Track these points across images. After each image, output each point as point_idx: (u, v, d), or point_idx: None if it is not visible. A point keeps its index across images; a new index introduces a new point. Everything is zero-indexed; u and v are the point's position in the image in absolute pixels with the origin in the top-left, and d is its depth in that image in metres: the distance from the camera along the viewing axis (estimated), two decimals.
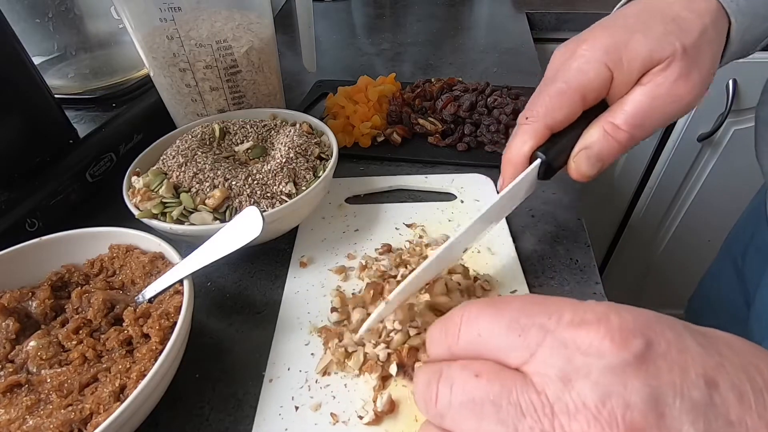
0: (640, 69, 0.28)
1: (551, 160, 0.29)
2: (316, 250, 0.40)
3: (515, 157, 0.30)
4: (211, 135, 0.41)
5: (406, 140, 0.52)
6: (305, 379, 0.30)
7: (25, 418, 0.24)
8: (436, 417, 0.18)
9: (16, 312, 0.29)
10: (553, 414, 0.16)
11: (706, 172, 0.98)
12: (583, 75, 0.28)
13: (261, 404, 0.29)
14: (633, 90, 0.29)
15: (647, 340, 0.16)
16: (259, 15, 0.46)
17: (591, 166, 0.29)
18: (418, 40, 0.83)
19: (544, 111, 0.29)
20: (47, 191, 0.40)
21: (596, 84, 0.28)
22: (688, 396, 0.15)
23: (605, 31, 0.29)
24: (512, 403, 0.16)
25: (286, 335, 0.33)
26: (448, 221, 0.41)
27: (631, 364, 0.15)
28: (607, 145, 0.29)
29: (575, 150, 0.30)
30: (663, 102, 0.28)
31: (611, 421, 0.15)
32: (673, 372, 0.15)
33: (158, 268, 0.32)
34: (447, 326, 0.20)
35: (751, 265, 0.53)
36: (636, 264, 1.21)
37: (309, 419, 0.28)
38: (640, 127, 0.28)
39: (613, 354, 0.16)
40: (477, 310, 0.19)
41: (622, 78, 0.28)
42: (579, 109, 0.29)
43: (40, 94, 0.41)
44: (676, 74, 0.28)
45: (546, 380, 0.16)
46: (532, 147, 0.29)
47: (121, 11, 0.42)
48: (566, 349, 0.16)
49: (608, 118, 0.29)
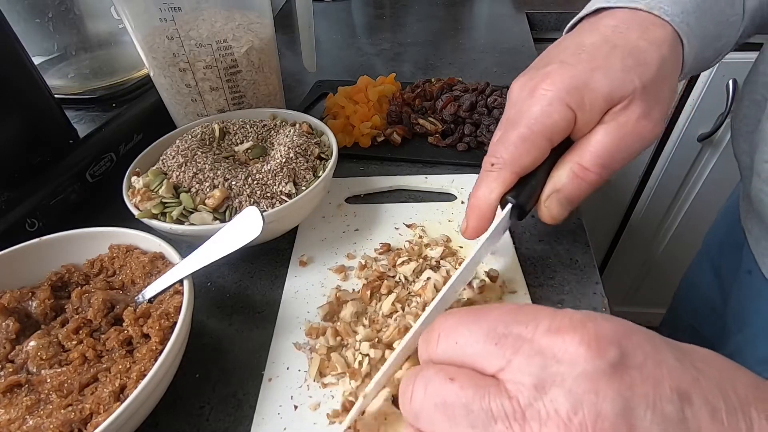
0: (602, 108, 0.28)
1: (523, 204, 0.29)
2: (316, 249, 0.40)
3: (483, 206, 0.29)
4: (210, 135, 0.41)
5: (406, 140, 0.52)
6: (304, 378, 0.30)
7: (25, 418, 0.24)
8: (411, 416, 0.19)
9: (16, 312, 0.29)
10: (524, 420, 0.16)
11: (706, 172, 0.98)
12: (547, 118, 0.27)
13: (260, 403, 0.29)
14: (597, 129, 0.28)
15: (623, 349, 0.16)
16: (259, 15, 0.46)
17: (562, 208, 0.29)
18: (418, 40, 0.83)
19: (510, 157, 0.28)
20: (47, 191, 0.40)
21: (561, 126, 0.28)
22: (660, 409, 0.15)
23: (564, 68, 0.28)
24: (483, 408, 0.16)
25: (285, 334, 0.33)
26: (448, 221, 0.41)
27: (606, 372, 0.15)
28: (576, 187, 0.28)
29: (545, 193, 0.29)
30: (628, 141, 0.28)
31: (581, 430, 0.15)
32: (646, 384, 0.15)
33: (158, 268, 0.32)
34: (428, 336, 0.20)
35: (727, 261, 0.54)
36: (636, 264, 1.21)
37: (308, 418, 0.28)
38: (607, 167, 0.28)
39: (587, 361, 0.16)
40: (456, 319, 0.19)
41: (585, 117, 0.28)
42: (546, 152, 0.28)
43: (40, 94, 0.41)
44: (638, 113, 0.27)
45: (520, 387, 0.16)
46: (500, 194, 0.29)
47: (121, 11, 0.42)
48: (542, 356, 0.16)
49: (575, 160, 0.28)
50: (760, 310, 0.45)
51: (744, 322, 0.48)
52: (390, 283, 0.35)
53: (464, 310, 0.20)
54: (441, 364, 0.19)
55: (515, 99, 0.30)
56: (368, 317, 0.33)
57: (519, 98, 0.29)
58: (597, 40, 0.29)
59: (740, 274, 0.50)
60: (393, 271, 0.36)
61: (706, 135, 0.91)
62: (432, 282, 0.34)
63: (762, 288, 0.45)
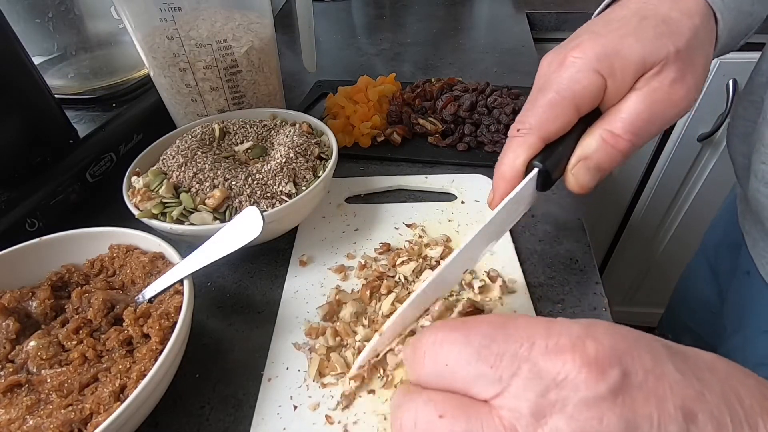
0: (633, 75, 0.27)
1: (550, 169, 0.28)
2: (316, 249, 0.40)
3: (508, 171, 0.28)
4: (211, 135, 0.41)
5: (406, 140, 0.52)
6: (303, 378, 0.30)
7: (25, 418, 0.24)
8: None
9: (16, 312, 0.29)
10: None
11: (706, 172, 0.98)
12: (576, 84, 0.27)
13: (259, 403, 0.29)
14: (628, 96, 0.28)
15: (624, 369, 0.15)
16: (259, 15, 0.46)
17: (591, 177, 0.28)
18: (418, 40, 0.83)
19: (537, 122, 0.27)
20: (47, 191, 0.40)
21: (590, 93, 0.27)
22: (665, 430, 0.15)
23: (595, 38, 0.28)
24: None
25: (285, 334, 0.33)
26: (448, 221, 0.41)
27: (607, 398, 0.15)
28: (606, 154, 0.27)
29: (572, 161, 0.28)
30: (661, 107, 0.27)
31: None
32: (649, 403, 0.15)
33: (158, 268, 0.32)
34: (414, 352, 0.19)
35: (725, 262, 0.54)
36: (636, 264, 1.21)
37: (307, 419, 0.28)
38: (639, 134, 0.27)
39: (589, 387, 0.15)
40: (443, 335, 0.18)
41: (616, 85, 0.27)
42: (574, 119, 0.28)
43: (40, 94, 0.41)
44: (671, 78, 0.27)
45: (517, 416, 0.15)
46: (526, 159, 0.28)
47: (121, 11, 0.42)
48: (540, 380, 0.16)
49: (606, 126, 0.27)
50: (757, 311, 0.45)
51: (741, 322, 0.48)
52: (390, 283, 0.35)
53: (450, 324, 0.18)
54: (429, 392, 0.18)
55: (544, 71, 0.29)
56: (368, 317, 0.33)
57: (548, 69, 0.29)
58: (627, 13, 0.29)
59: (738, 274, 0.50)
60: (393, 271, 0.36)
61: (706, 135, 0.91)
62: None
63: (760, 289, 0.45)
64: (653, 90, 0.27)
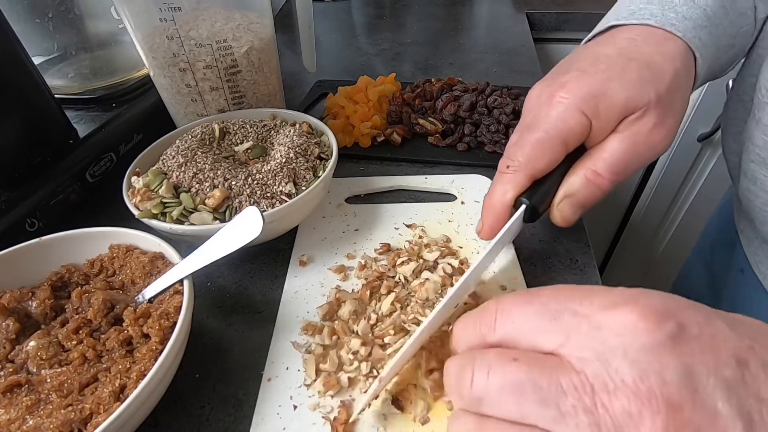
0: (617, 118, 0.28)
1: (536, 206, 0.30)
2: (316, 249, 0.40)
3: (498, 206, 0.30)
4: (210, 135, 0.41)
5: (406, 140, 0.52)
6: (304, 378, 0.30)
7: (25, 418, 0.24)
8: (473, 402, 0.19)
9: (16, 312, 0.29)
10: (593, 392, 0.16)
11: (706, 172, 0.98)
12: (563, 123, 0.28)
13: (259, 403, 0.29)
14: (611, 137, 0.29)
15: (679, 322, 0.17)
16: (259, 15, 0.46)
17: (574, 212, 0.30)
18: (418, 40, 0.83)
19: (526, 160, 0.29)
20: (47, 191, 0.40)
21: (577, 132, 0.28)
22: (721, 374, 0.16)
23: (582, 77, 0.29)
24: (552, 383, 0.17)
25: (284, 334, 0.33)
26: (448, 222, 0.41)
27: (665, 344, 0.16)
28: (589, 192, 0.29)
29: (558, 198, 0.30)
30: (641, 149, 0.29)
31: (650, 397, 0.15)
32: (705, 352, 0.16)
33: (158, 268, 0.32)
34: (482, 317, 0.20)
35: (720, 260, 0.54)
36: (636, 264, 1.21)
37: (307, 419, 0.28)
38: (620, 174, 0.29)
39: (648, 334, 0.16)
40: (510, 301, 0.20)
41: (600, 126, 0.29)
42: (561, 156, 0.29)
43: (40, 94, 0.41)
44: (652, 123, 0.28)
45: (584, 361, 0.17)
46: (515, 195, 0.30)
47: (121, 11, 0.42)
48: (600, 331, 0.17)
49: (589, 166, 0.29)
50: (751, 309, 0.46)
51: None
52: (390, 284, 0.35)
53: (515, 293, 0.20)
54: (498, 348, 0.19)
55: (533, 105, 0.31)
56: (367, 317, 0.33)
57: (536, 104, 0.30)
58: (613, 51, 0.30)
59: (732, 272, 0.50)
60: (393, 271, 0.36)
61: (706, 135, 0.91)
62: (431, 282, 0.34)
63: (754, 287, 0.45)
64: (634, 134, 0.29)
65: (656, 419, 0.15)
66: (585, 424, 0.16)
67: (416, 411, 0.27)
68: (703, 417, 0.15)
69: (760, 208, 0.38)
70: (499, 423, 0.18)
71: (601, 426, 0.16)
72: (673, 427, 0.15)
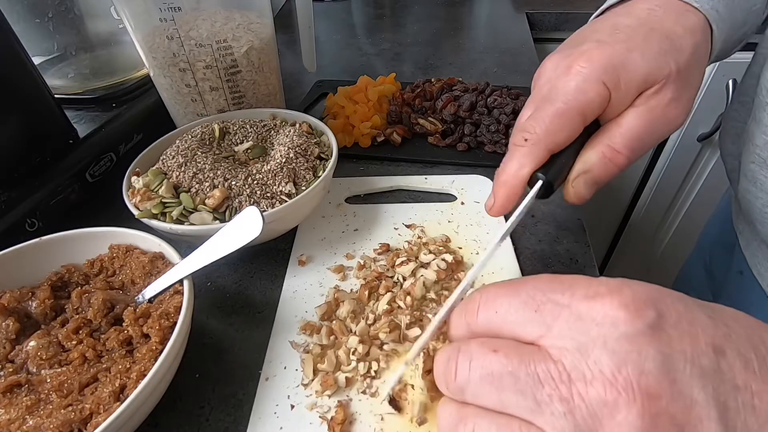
0: (636, 90, 0.28)
1: (552, 181, 0.28)
2: (315, 248, 0.40)
3: (512, 180, 0.28)
4: (210, 135, 0.41)
5: (406, 140, 0.52)
6: (301, 377, 0.30)
7: (25, 418, 0.24)
8: (456, 391, 0.19)
9: (16, 312, 0.29)
10: (570, 381, 0.16)
11: (706, 172, 0.98)
12: (583, 95, 0.27)
13: (257, 402, 0.29)
14: (628, 112, 0.28)
15: (659, 311, 0.17)
16: (259, 15, 0.46)
17: (589, 189, 0.29)
18: (418, 40, 0.83)
19: (545, 132, 0.27)
20: (47, 191, 0.40)
21: (596, 104, 0.27)
22: (698, 363, 0.16)
23: (602, 47, 0.28)
24: (530, 373, 0.17)
25: (283, 334, 0.33)
26: (448, 222, 0.41)
27: (645, 333, 0.16)
28: (605, 168, 0.28)
29: (573, 174, 0.29)
30: (657, 124, 0.28)
31: (627, 387, 0.15)
32: (683, 341, 0.16)
33: (158, 268, 0.32)
34: (467, 307, 0.21)
35: (719, 261, 0.54)
36: (636, 264, 1.21)
37: (305, 418, 0.28)
38: (636, 150, 0.28)
39: (627, 324, 0.16)
40: (495, 290, 0.20)
41: (619, 98, 0.28)
42: (580, 129, 0.28)
43: (40, 94, 0.41)
44: (669, 97, 0.27)
45: (563, 351, 0.17)
46: (532, 170, 0.28)
47: (121, 11, 0.42)
48: (581, 321, 0.17)
49: (606, 142, 0.28)
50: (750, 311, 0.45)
51: None
52: (388, 284, 0.35)
53: (500, 283, 0.20)
54: (481, 338, 0.19)
55: (549, 76, 0.29)
56: (365, 317, 0.33)
57: (553, 75, 0.29)
58: (633, 22, 0.29)
59: (731, 274, 0.50)
60: (391, 271, 0.36)
61: (706, 135, 0.91)
62: (422, 280, 0.34)
63: (753, 289, 0.45)
64: (651, 108, 0.28)
65: (632, 408, 0.15)
66: (560, 413, 0.16)
67: (413, 411, 0.27)
68: (680, 405, 0.15)
69: (760, 210, 0.38)
70: (479, 411, 0.18)
71: (575, 414, 0.16)
72: (648, 416, 0.15)
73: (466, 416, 0.19)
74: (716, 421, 0.15)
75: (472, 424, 0.18)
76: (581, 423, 0.16)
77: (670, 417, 0.15)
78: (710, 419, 0.15)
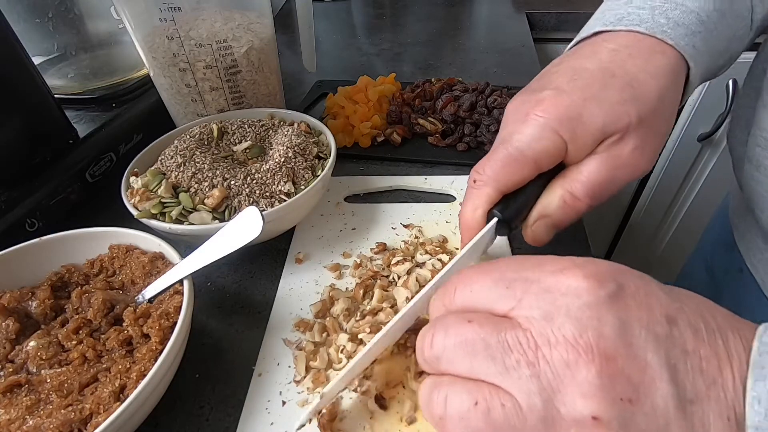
0: (594, 141, 0.27)
1: (508, 220, 0.28)
2: (312, 246, 0.40)
3: (470, 222, 0.29)
4: (209, 135, 0.41)
5: (406, 140, 0.52)
6: (294, 374, 0.30)
7: (25, 418, 0.25)
8: (432, 360, 0.20)
9: (16, 312, 0.29)
10: (537, 347, 0.18)
11: (706, 172, 0.98)
12: (537, 143, 0.27)
13: (249, 398, 0.29)
14: (589, 159, 0.28)
15: (619, 283, 0.19)
16: (259, 15, 0.47)
17: (547, 233, 0.29)
18: (418, 40, 0.83)
19: (494, 175, 0.28)
20: (47, 191, 0.40)
21: (551, 153, 0.27)
22: (653, 329, 0.17)
23: (559, 97, 0.27)
24: (500, 341, 0.18)
25: (277, 330, 0.33)
26: (446, 223, 0.41)
27: (605, 301, 0.18)
28: (565, 214, 0.28)
29: (533, 217, 0.29)
30: (620, 172, 0.28)
31: (587, 349, 0.17)
32: (641, 309, 0.18)
33: (158, 268, 0.32)
34: (445, 290, 0.22)
35: (720, 260, 0.54)
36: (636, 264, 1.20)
37: (295, 414, 0.28)
38: (598, 197, 0.28)
39: (589, 293, 0.18)
40: (470, 272, 0.21)
41: (577, 147, 0.27)
42: (532, 174, 0.28)
43: (40, 94, 0.41)
44: (632, 146, 0.27)
45: (531, 320, 0.18)
46: (485, 210, 0.28)
47: (121, 11, 0.42)
48: (549, 293, 0.19)
49: (567, 188, 0.28)
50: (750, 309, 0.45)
51: None
52: (383, 283, 0.35)
53: (475, 266, 0.22)
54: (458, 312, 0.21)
55: (509, 120, 0.29)
56: (360, 314, 0.33)
57: (512, 120, 0.29)
58: (594, 66, 0.28)
59: (732, 273, 0.50)
60: (387, 270, 0.36)
61: (706, 135, 0.91)
62: (414, 276, 0.34)
63: (752, 286, 0.45)
64: (613, 157, 0.27)
65: (591, 367, 0.17)
66: (526, 376, 0.17)
67: (403, 411, 0.27)
68: (634, 366, 0.17)
69: (762, 195, 0.37)
70: (453, 379, 0.20)
71: (540, 377, 0.17)
72: (606, 375, 0.17)
73: (441, 383, 0.20)
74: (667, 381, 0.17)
75: (445, 390, 0.19)
76: (545, 384, 0.17)
77: (626, 376, 0.17)
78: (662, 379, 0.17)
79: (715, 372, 0.17)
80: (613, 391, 0.16)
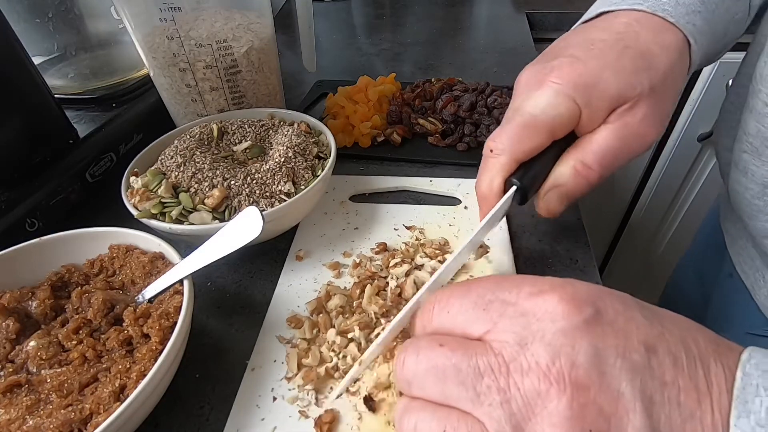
0: (608, 108, 0.28)
1: (526, 188, 0.28)
2: (314, 244, 0.40)
3: (488, 193, 0.29)
4: (209, 135, 0.41)
5: (406, 140, 0.52)
6: (286, 371, 0.30)
7: (25, 418, 0.24)
8: (404, 384, 0.20)
9: (16, 312, 0.29)
10: (508, 373, 0.17)
11: (706, 172, 0.98)
12: (552, 110, 0.27)
13: (240, 393, 0.29)
14: (601, 128, 0.28)
15: (597, 308, 0.18)
16: (259, 15, 0.46)
17: (560, 204, 0.30)
18: (418, 40, 0.83)
19: (510, 143, 0.28)
20: (47, 191, 0.40)
21: (565, 119, 0.28)
22: (629, 358, 0.17)
23: (574, 63, 0.28)
24: (471, 366, 0.18)
25: (273, 326, 0.33)
26: (449, 226, 0.41)
27: (581, 327, 0.17)
28: (577, 183, 0.29)
29: (545, 188, 0.29)
30: (630, 141, 0.28)
31: (559, 378, 0.16)
32: (617, 337, 0.17)
33: (158, 268, 0.32)
34: (423, 310, 0.22)
35: (710, 264, 0.54)
36: (636, 264, 1.21)
37: (285, 411, 0.28)
38: (609, 167, 0.28)
39: (565, 318, 0.17)
40: (448, 293, 0.21)
41: (591, 115, 0.28)
42: (547, 142, 0.28)
43: (40, 94, 0.41)
44: (642, 114, 0.28)
45: (504, 345, 0.18)
46: (502, 180, 0.28)
47: (121, 11, 0.42)
48: (524, 317, 0.18)
49: (579, 157, 0.28)
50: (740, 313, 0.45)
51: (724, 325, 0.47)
52: (380, 283, 0.35)
53: (455, 285, 0.21)
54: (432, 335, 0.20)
55: (522, 89, 0.30)
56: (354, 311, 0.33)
57: (526, 88, 0.29)
58: (609, 37, 0.29)
59: (721, 277, 0.50)
60: (385, 271, 0.36)
61: (706, 135, 0.91)
62: (412, 278, 0.34)
63: (741, 291, 0.44)
64: (624, 125, 0.28)
65: (562, 398, 0.16)
66: (497, 403, 0.17)
67: (391, 415, 0.27)
68: (606, 397, 0.16)
69: (749, 201, 0.37)
70: (424, 404, 0.19)
71: (511, 404, 0.17)
72: (577, 405, 0.16)
73: (411, 409, 0.19)
74: (641, 413, 0.16)
75: (414, 417, 0.19)
76: (516, 412, 0.17)
77: (598, 407, 0.16)
78: (635, 411, 0.16)
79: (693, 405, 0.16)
80: (583, 422, 0.16)
